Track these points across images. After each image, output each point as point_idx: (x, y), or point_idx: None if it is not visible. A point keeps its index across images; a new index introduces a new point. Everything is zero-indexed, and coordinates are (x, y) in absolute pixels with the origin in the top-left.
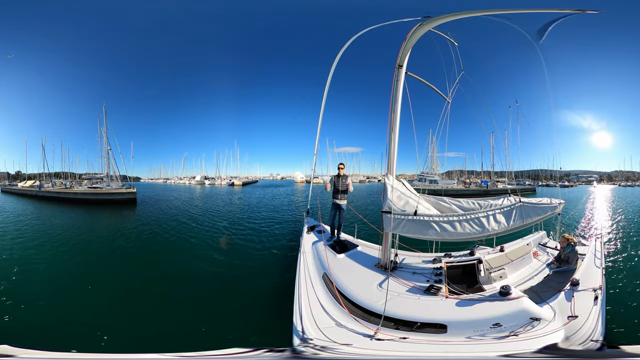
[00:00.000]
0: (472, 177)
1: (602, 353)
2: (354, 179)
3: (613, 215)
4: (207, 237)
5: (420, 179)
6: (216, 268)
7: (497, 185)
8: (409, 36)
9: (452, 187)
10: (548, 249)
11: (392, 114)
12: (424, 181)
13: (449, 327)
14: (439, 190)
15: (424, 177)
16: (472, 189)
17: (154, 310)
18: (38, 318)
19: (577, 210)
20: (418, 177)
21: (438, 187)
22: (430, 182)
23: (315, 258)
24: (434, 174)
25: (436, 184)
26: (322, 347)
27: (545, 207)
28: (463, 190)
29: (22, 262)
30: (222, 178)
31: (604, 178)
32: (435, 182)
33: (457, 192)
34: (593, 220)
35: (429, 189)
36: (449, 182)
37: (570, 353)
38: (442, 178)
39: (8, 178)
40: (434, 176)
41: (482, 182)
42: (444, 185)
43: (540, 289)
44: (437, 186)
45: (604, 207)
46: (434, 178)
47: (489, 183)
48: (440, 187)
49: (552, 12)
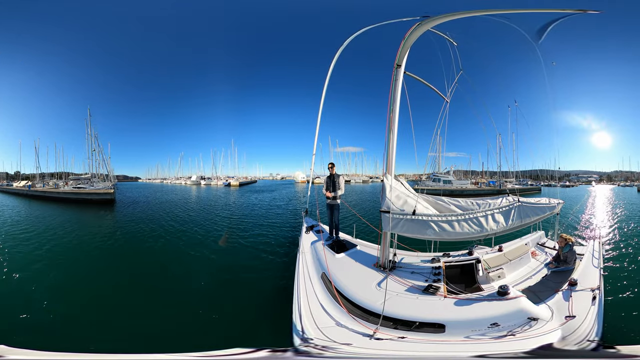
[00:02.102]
0: (480, 177)
1: (597, 353)
2: (357, 178)
3: (612, 215)
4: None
5: (435, 179)
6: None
7: (506, 185)
8: (407, 36)
9: (466, 187)
10: (546, 248)
11: (391, 113)
12: (438, 181)
13: (447, 326)
14: (454, 190)
15: (438, 177)
16: (484, 188)
17: (140, 312)
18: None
19: (575, 211)
20: (431, 177)
21: (452, 187)
22: (445, 182)
23: (314, 258)
24: (448, 174)
25: (450, 184)
26: (324, 347)
27: (543, 207)
28: (477, 190)
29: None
30: (220, 178)
31: (603, 178)
32: (450, 182)
33: (472, 192)
34: (592, 220)
35: (443, 189)
36: (463, 182)
37: (566, 353)
38: (458, 178)
39: (6, 178)
40: (448, 176)
41: (490, 182)
42: (458, 185)
43: (538, 288)
44: (451, 186)
45: (603, 207)
46: (448, 178)
47: (497, 183)
48: (455, 187)
49: (553, 12)
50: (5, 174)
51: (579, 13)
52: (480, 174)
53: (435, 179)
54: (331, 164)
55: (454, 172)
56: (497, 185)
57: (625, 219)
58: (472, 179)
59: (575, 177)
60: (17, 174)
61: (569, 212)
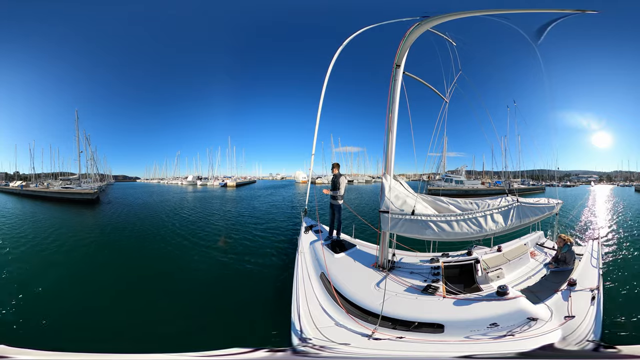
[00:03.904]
0: (486, 178)
1: (598, 353)
2: (360, 178)
3: (611, 214)
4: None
5: (447, 180)
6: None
7: (513, 185)
8: (406, 36)
9: (477, 187)
10: (545, 249)
11: (390, 113)
12: (450, 182)
13: (446, 326)
14: (468, 190)
15: (451, 177)
16: (493, 188)
17: (142, 311)
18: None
19: (575, 210)
20: (443, 177)
21: (465, 188)
22: (457, 183)
23: (313, 258)
24: (460, 174)
25: (462, 184)
26: (322, 347)
27: (542, 207)
28: (487, 190)
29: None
30: (218, 178)
31: (603, 178)
32: (461, 183)
33: (484, 192)
34: (591, 220)
35: (455, 189)
36: (474, 182)
37: (566, 353)
38: (469, 178)
39: (6, 178)
40: (459, 177)
41: (496, 182)
42: (470, 185)
43: (537, 288)
44: (463, 186)
45: (602, 207)
46: (460, 179)
47: (503, 183)
48: (467, 187)
49: (552, 12)
50: (5, 174)
51: (578, 13)
52: (481, 174)
53: (448, 180)
54: (334, 164)
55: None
56: (505, 185)
57: (623, 218)
58: (475, 179)
59: (575, 177)
60: (16, 174)
61: (568, 212)
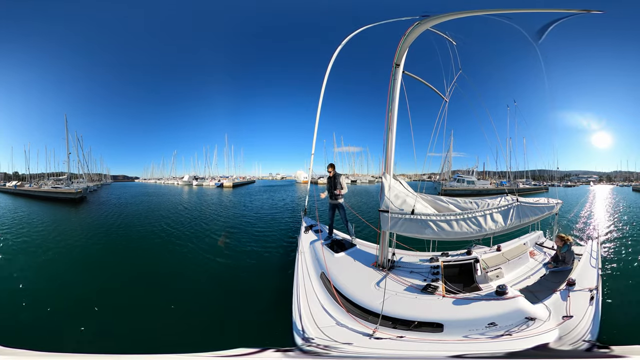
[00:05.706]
0: (491, 178)
1: (589, 353)
2: (362, 179)
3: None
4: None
5: (458, 180)
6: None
7: (519, 185)
8: (406, 35)
9: (487, 187)
10: (545, 248)
11: (390, 112)
12: (462, 182)
13: (445, 326)
14: (481, 190)
15: (462, 178)
16: (502, 188)
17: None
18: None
19: (575, 210)
20: (454, 177)
21: (476, 188)
22: (468, 183)
23: (313, 257)
24: (471, 174)
25: (473, 185)
26: (326, 347)
27: (542, 207)
28: (497, 190)
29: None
30: (215, 178)
31: (603, 178)
32: (473, 183)
33: (495, 192)
34: (590, 220)
35: (469, 189)
36: (484, 182)
37: (558, 353)
38: (479, 178)
39: (4, 178)
40: (471, 177)
41: (502, 182)
42: (481, 185)
43: (536, 288)
44: (474, 187)
45: (601, 206)
46: (471, 179)
47: (508, 183)
48: (479, 187)
49: (556, 12)
50: (4, 174)
51: (583, 13)
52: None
53: (459, 180)
54: (330, 165)
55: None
56: (512, 185)
57: (623, 218)
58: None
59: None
60: (14, 174)
61: (568, 212)
